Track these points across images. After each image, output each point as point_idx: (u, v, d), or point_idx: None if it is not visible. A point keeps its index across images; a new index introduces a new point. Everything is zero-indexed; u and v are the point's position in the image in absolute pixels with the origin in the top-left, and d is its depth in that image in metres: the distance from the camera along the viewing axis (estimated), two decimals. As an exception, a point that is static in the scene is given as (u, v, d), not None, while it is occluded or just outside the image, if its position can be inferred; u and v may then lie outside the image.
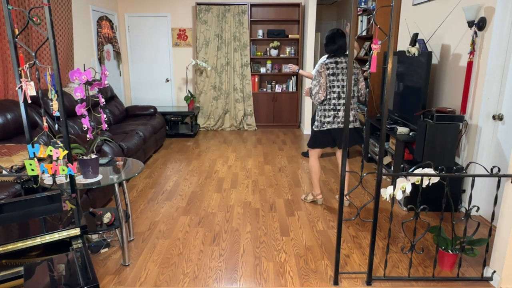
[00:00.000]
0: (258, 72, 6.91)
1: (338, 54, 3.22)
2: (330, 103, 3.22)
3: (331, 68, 3.17)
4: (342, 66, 3.18)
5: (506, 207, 2.20)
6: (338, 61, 3.19)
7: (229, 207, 3.49)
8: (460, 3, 3.44)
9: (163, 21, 6.81)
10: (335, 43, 3.20)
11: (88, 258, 1.44)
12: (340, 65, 3.18)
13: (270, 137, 6.31)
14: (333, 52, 3.23)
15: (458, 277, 2.37)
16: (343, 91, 3.21)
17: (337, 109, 3.22)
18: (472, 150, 3.29)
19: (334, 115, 3.23)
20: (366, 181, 4.20)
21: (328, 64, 3.18)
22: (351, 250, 2.76)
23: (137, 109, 5.71)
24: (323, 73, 3.18)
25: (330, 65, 3.18)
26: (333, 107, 3.22)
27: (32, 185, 2.05)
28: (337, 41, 3.20)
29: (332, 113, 3.23)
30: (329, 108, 3.24)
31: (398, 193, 2.17)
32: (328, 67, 3.17)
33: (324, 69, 3.17)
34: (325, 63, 3.18)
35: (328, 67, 3.17)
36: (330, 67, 3.17)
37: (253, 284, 2.35)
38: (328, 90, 3.21)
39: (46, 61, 4.03)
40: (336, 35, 3.21)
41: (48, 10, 1.74)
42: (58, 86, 1.83)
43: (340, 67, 3.18)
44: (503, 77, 3.00)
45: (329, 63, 3.18)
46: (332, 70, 3.17)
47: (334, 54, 3.23)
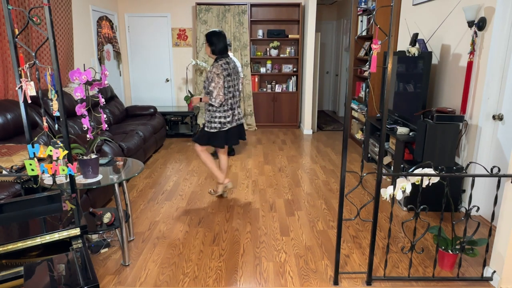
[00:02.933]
0: (258, 72, 6.91)
1: (225, 54, 3.31)
2: (228, 103, 3.30)
3: (226, 69, 3.24)
4: (232, 66, 3.30)
5: (506, 207, 2.20)
6: (228, 61, 3.29)
7: (229, 207, 3.49)
8: (460, 3, 3.44)
9: (163, 21, 6.81)
10: (222, 42, 3.27)
11: (88, 258, 1.44)
12: (231, 64, 3.29)
13: (270, 137, 6.31)
14: (222, 52, 3.29)
15: (458, 277, 2.37)
16: (235, 89, 3.36)
17: (233, 108, 3.35)
18: (472, 150, 3.29)
19: (232, 114, 3.35)
20: (366, 181, 4.20)
21: (223, 65, 3.23)
22: (351, 250, 2.76)
23: (137, 109, 5.71)
24: (221, 74, 3.20)
25: (225, 66, 3.24)
26: (230, 106, 3.32)
27: (32, 185, 2.05)
28: (223, 41, 3.28)
29: (230, 112, 3.33)
30: (227, 108, 3.31)
31: (398, 193, 2.17)
32: (224, 68, 3.22)
33: (221, 71, 3.20)
34: (219, 65, 3.21)
35: (224, 68, 3.22)
36: (225, 68, 3.23)
37: (253, 284, 2.35)
38: (225, 90, 3.26)
39: (46, 61, 4.03)
40: (222, 35, 3.28)
41: (48, 10, 1.74)
42: (58, 86, 1.83)
43: (231, 66, 3.29)
44: (503, 77, 3.00)
45: (224, 64, 3.23)
46: (227, 71, 3.24)
47: (223, 55, 3.29)
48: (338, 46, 8.65)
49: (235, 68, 3.35)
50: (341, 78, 8.56)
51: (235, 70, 3.36)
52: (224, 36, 3.30)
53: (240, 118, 3.46)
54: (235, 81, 3.34)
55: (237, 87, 3.40)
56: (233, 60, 3.39)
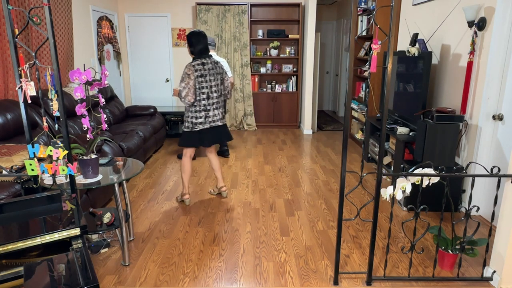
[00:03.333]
0: (258, 72, 6.91)
1: (204, 55, 3.30)
2: (200, 104, 3.30)
3: (199, 70, 3.23)
4: (208, 67, 3.27)
5: (506, 207, 2.20)
6: (204, 63, 3.26)
7: (229, 207, 3.49)
8: (460, 3, 3.44)
9: (163, 21, 6.81)
10: (201, 43, 3.28)
11: (88, 258, 1.44)
12: (207, 66, 3.27)
13: (270, 137, 6.31)
14: (200, 53, 3.29)
15: (458, 277, 2.37)
16: (211, 91, 3.31)
17: (208, 109, 3.33)
18: (472, 150, 3.29)
19: (206, 115, 3.33)
20: (366, 181, 4.20)
21: (196, 66, 3.23)
22: (351, 250, 2.76)
23: (137, 109, 5.71)
24: (192, 75, 3.21)
25: (198, 67, 3.23)
26: (204, 107, 3.31)
27: (32, 185, 2.05)
28: (203, 42, 3.28)
29: (203, 113, 3.32)
30: (199, 109, 3.31)
31: (398, 193, 2.17)
32: (196, 69, 3.22)
33: (192, 71, 3.21)
34: (193, 65, 3.22)
35: (196, 69, 3.22)
36: (198, 69, 3.22)
37: (253, 284, 2.35)
38: (198, 91, 3.26)
39: (46, 61, 4.03)
40: (201, 36, 3.28)
41: (48, 10, 1.74)
42: (58, 86, 1.83)
43: (207, 68, 3.26)
44: (503, 77, 3.00)
45: (197, 65, 3.23)
46: (200, 72, 3.23)
47: (201, 56, 3.28)
48: (338, 46, 8.65)
49: (214, 69, 3.29)
50: (341, 78, 8.56)
51: (215, 71, 3.30)
52: (204, 37, 3.29)
53: (216, 120, 3.38)
54: (211, 82, 3.28)
55: (215, 88, 3.32)
56: (214, 60, 3.33)
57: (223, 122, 3.48)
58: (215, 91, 3.33)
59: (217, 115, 3.39)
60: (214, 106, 3.36)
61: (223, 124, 3.49)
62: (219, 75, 3.34)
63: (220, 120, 3.44)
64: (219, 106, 3.41)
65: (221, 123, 3.45)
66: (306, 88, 6.46)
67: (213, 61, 3.32)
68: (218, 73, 3.35)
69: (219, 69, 3.35)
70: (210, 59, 3.31)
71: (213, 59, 3.34)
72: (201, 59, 3.26)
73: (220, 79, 3.36)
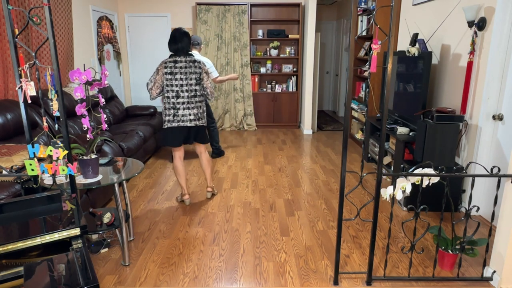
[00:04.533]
0: (258, 72, 6.91)
1: (179, 53, 3.26)
2: (169, 102, 3.27)
3: (169, 67, 3.21)
4: (180, 65, 3.22)
5: (506, 207, 2.20)
6: (177, 60, 3.23)
7: (229, 207, 3.49)
8: (460, 3, 3.44)
9: (163, 21, 6.81)
10: (176, 42, 3.24)
11: (88, 258, 1.44)
12: (179, 64, 3.22)
13: (270, 137, 6.31)
14: (175, 51, 3.27)
15: (458, 277, 2.37)
16: (181, 90, 3.25)
17: (177, 108, 3.27)
18: (472, 150, 3.29)
19: (174, 114, 3.28)
20: (366, 181, 4.20)
21: (167, 63, 3.22)
22: (351, 250, 2.76)
23: (137, 109, 5.71)
24: (160, 71, 3.23)
25: (169, 64, 3.22)
26: (172, 105, 3.27)
27: (32, 185, 2.05)
28: (179, 41, 3.24)
29: (172, 111, 3.28)
30: (168, 106, 3.29)
31: (398, 193, 2.17)
32: (166, 65, 3.22)
33: (162, 67, 3.22)
34: (164, 62, 3.23)
35: (166, 65, 3.22)
36: (168, 66, 3.21)
37: (253, 284, 2.35)
38: (167, 88, 3.25)
39: (46, 61, 4.03)
40: (178, 35, 3.25)
41: (48, 10, 1.74)
42: (58, 86, 1.83)
43: (178, 66, 3.22)
44: (503, 77, 3.00)
45: (168, 62, 3.22)
46: (170, 69, 3.21)
47: (175, 54, 3.26)
48: (338, 46, 8.65)
49: (187, 68, 3.23)
50: (341, 78, 8.56)
51: (188, 70, 3.23)
52: (182, 35, 3.25)
53: (185, 120, 3.29)
54: (182, 81, 3.22)
55: (187, 88, 3.24)
56: (191, 59, 3.25)
57: (197, 123, 3.34)
58: (186, 90, 3.25)
59: (187, 115, 3.29)
60: (185, 106, 3.27)
61: (196, 125, 3.35)
62: (194, 74, 3.25)
63: (191, 121, 3.32)
64: (192, 106, 3.30)
65: (192, 124, 3.32)
66: (306, 88, 6.46)
67: (189, 60, 3.24)
68: (193, 73, 3.25)
69: (195, 69, 3.25)
70: (186, 57, 3.24)
71: (191, 58, 3.26)
72: (175, 57, 3.24)
73: (195, 79, 3.27)
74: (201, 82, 3.32)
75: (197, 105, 3.33)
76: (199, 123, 3.36)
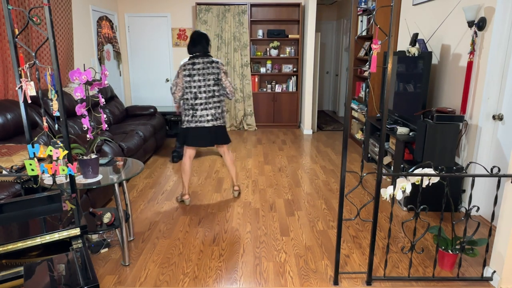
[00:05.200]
0: (258, 72, 6.91)
1: (197, 55, 3.32)
2: (188, 103, 3.34)
3: (187, 69, 3.28)
4: (198, 67, 3.29)
5: (506, 207, 2.20)
6: (195, 62, 3.30)
7: (229, 207, 3.49)
8: (460, 3, 3.44)
9: (163, 21, 6.81)
10: (195, 45, 3.33)
11: (88, 258, 1.44)
12: (197, 66, 3.29)
13: (270, 137, 6.31)
14: (193, 53, 3.34)
15: (458, 277, 2.37)
16: (199, 91, 3.31)
17: (195, 109, 3.33)
18: (472, 150, 3.29)
19: (192, 115, 3.35)
20: (366, 181, 4.20)
21: (186, 65, 3.29)
22: (351, 250, 2.76)
23: (137, 109, 5.71)
24: (180, 73, 3.30)
25: (187, 66, 3.29)
26: (191, 106, 3.34)
27: (32, 185, 2.05)
28: (197, 43, 3.32)
29: (190, 112, 3.35)
30: (187, 107, 3.35)
31: (398, 193, 2.17)
32: (185, 68, 3.29)
33: (181, 70, 3.30)
34: (183, 64, 3.31)
35: (185, 68, 3.29)
36: (186, 68, 3.28)
37: (253, 284, 2.35)
38: (186, 90, 3.32)
39: (46, 61, 4.03)
40: (196, 37, 3.33)
41: (48, 10, 1.74)
42: (58, 86, 1.83)
43: (196, 68, 3.28)
44: (503, 77, 3.00)
45: (187, 64, 3.30)
46: (188, 71, 3.28)
47: (194, 56, 3.33)
48: (338, 46, 8.65)
49: (205, 69, 3.28)
50: (341, 78, 8.56)
51: (206, 71, 3.28)
52: (200, 37, 3.32)
53: (203, 121, 3.34)
54: (200, 82, 3.28)
55: (204, 89, 3.30)
56: (209, 61, 3.30)
57: (214, 123, 3.39)
58: (204, 91, 3.30)
59: (204, 116, 3.34)
60: (203, 107, 3.32)
61: (214, 126, 3.40)
62: (212, 75, 3.31)
63: (209, 122, 3.37)
64: (210, 107, 3.35)
65: (210, 124, 3.37)
66: (306, 88, 6.47)
67: (207, 61, 3.30)
68: (211, 74, 3.31)
69: (213, 70, 3.31)
70: (203, 59, 3.30)
71: (209, 59, 3.31)
72: (193, 59, 3.30)
73: (213, 80, 3.31)
74: (219, 83, 3.37)
75: (215, 105, 3.38)
76: (217, 123, 3.40)
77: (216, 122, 3.40)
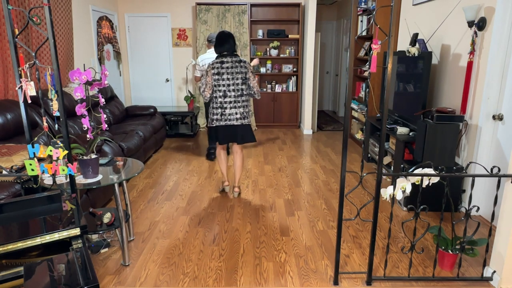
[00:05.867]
0: (258, 72, 6.91)
1: (226, 54, 3.39)
2: (217, 101, 3.40)
3: (216, 67, 3.34)
4: (227, 65, 3.35)
5: (506, 207, 2.20)
6: (224, 61, 3.36)
7: (229, 207, 3.49)
8: (460, 3, 3.44)
9: (163, 21, 6.81)
10: (223, 45, 3.40)
11: (88, 258, 1.44)
12: (225, 64, 3.35)
13: (270, 137, 6.31)
14: (220, 52, 3.41)
15: (458, 277, 2.37)
16: (228, 89, 3.38)
17: (224, 107, 3.40)
18: (472, 150, 3.29)
19: (221, 113, 3.41)
20: (366, 181, 4.20)
21: (214, 64, 3.36)
22: (351, 250, 2.76)
23: (137, 109, 5.71)
24: (209, 72, 3.36)
25: (216, 65, 3.35)
26: (220, 105, 3.40)
27: (32, 185, 2.05)
28: (225, 42, 3.39)
29: (219, 111, 3.41)
30: (216, 106, 3.42)
31: (398, 193, 2.17)
32: (214, 66, 3.35)
33: (210, 69, 3.35)
34: (212, 63, 3.37)
35: (213, 66, 3.35)
36: (215, 67, 3.34)
37: (253, 284, 2.35)
38: (214, 89, 3.38)
39: (46, 61, 4.03)
40: (223, 37, 3.41)
41: (48, 10, 1.74)
42: (58, 86, 1.83)
43: (225, 66, 3.35)
44: (503, 77, 3.00)
45: (215, 63, 3.36)
46: (217, 70, 3.34)
47: (221, 55, 3.39)
48: (338, 46, 8.65)
49: (233, 68, 3.37)
50: (341, 78, 8.56)
51: (234, 70, 3.37)
52: (227, 37, 3.41)
53: (232, 119, 3.43)
54: (229, 81, 3.36)
55: (233, 87, 3.39)
56: (237, 60, 3.39)
57: (242, 122, 3.48)
58: (232, 89, 3.39)
59: (233, 114, 3.42)
60: (232, 105, 3.40)
61: (242, 124, 3.49)
62: (240, 74, 3.38)
63: (237, 120, 3.46)
64: (239, 105, 3.43)
65: (238, 122, 3.47)
66: (306, 88, 6.47)
67: (235, 60, 3.38)
68: (239, 73, 3.39)
69: (241, 69, 3.38)
70: (232, 58, 3.37)
71: (237, 58, 3.39)
72: (221, 57, 3.37)
73: (241, 78, 3.40)
74: (246, 82, 3.46)
75: (243, 104, 3.47)
76: (245, 122, 3.49)
77: (244, 121, 3.49)
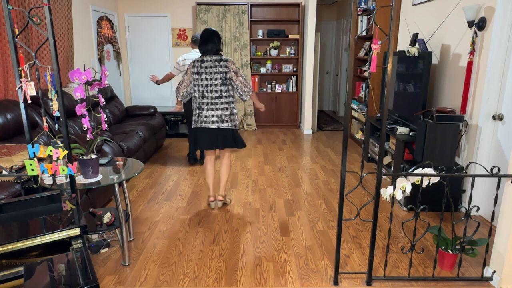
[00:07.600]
0: (258, 72, 6.91)
1: (208, 53, 3.19)
2: (196, 102, 3.24)
3: (196, 66, 3.18)
4: (206, 65, 3.15)
5: (506, 207, 2.20)
6: (204, 60, 3.17)
7: (230, 207, 3.49)
8: (460, 3, 3.44)
9: (163, 21, 6.81)
10: (205, 43, 3.19)
11: (88, 258, 1.44)
12: (205, 63, 3.16)
13: (270, 137, 6.31)
14: (202, 51, 3.22)
15: (458, 277, 2.37)
16: (206, 90, 3.17)
17: (201, 108, 3.21)
18: (472, 150, 3.29)
19: (198, 114, 3.23)
20: (366, 181, 4.20)
21: (195, 62, 3.19)
22: (351, 250, 2.76)
23: (137, 109, 5.71)
24: (189, 70, 3.21)
25: (196, 64, 3.18)
26: (198, 105, 3.23)
27: (32, 185, 2.05)
28: (208, 41, 3.19)
29: (197, 111, 3.24)
30: (195, 106, 3.25)
31: (398, 193, 2.17)
32: (194, 65, 3.19)
33: (190, 67, 3.20)
34: (193, 61, 3.20)
35: (194, 65, 3.19)
36: (195, 66, 3.18)
37: (253, 284, 2.35)
38: (194, 88, 3.22)
39: (46, 61, 4.03)
40: (206, 35, 3.20)
41: (48, 10, 1.74)
42: (58, 86, 1.83)
43: (204, 66, 3.16)
44: (503, 77, 3.00)
45: (196, 62, 3.19)
46: (197, 69, 3.17)
47: (204, 54, 3.21)
48: (338, 46, 8.65)
49: (213, 67, 3.14)
50: (341, 78, 8.56)
51: (213, 70, 3.14)
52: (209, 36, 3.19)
53: (208, 121, 3.19)
54: (207, 81, 3.14)
55: (211, 88, 3.15)
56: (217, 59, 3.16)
57: (219, 125, 3.20)
58: (210, 91, 3.16)
59: (209, 117, 3.19)
60: (208, 107, 3.18)
61: (218, 128, 3.22)
62: (219, 74, 3.14)
63: (213, 123, 3.20)
64: (216, 108, 3.18)
65: (214, 126, 3.20)
66: (306, 88, 6.46)
67: (215, 59, 3.15)
68: (218, 73, 3.14)
69: (221, 68, 3.13)
70: (212, 57, 3.15)
71: (217, 57, 3.16)
72: (203, 56, 3.19)
73: (220, 79, 3.14)
74: (227, 83, 3.18)
75: (222, 106, 3.19)
76: (222, 126, 3.21)
77: (222, 125, 3.20)
